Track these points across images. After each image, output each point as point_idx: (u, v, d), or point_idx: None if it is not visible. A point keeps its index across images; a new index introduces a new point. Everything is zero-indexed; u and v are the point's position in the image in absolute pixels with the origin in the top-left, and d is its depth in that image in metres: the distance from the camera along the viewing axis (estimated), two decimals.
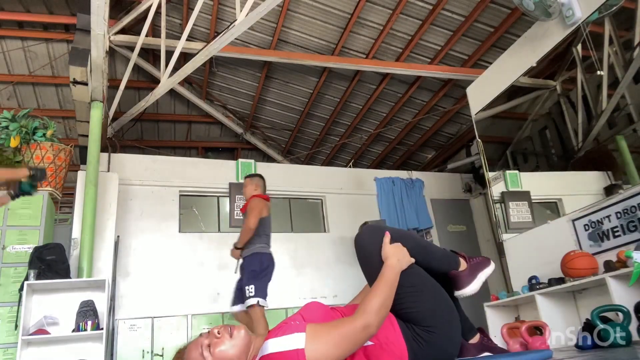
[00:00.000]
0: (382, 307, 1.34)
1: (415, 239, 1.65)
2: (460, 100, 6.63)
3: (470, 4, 5.16)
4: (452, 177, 7.35)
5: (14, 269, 3.98)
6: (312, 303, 1.53)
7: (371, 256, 1.54)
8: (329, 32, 5.86)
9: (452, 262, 1.68)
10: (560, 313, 3.70)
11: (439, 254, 1.69)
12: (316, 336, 1.26)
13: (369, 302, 1.34)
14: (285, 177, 6.34)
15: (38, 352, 3.82)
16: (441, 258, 1.68)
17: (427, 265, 1.59)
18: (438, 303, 1.52)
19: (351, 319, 1.31)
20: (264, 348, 1.29)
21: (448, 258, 1.70)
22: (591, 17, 3.75)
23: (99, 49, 4.39)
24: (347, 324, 1.31)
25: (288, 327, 1.31)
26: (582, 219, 3.71)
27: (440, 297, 1.54)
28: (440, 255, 1.69)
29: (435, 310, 1.49)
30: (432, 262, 1.62)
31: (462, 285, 1.64)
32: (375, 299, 1.35)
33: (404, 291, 1.46)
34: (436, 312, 1.49)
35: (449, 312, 1.53)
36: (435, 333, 1.44)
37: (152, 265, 5.18)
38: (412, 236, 1.66)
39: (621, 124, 4.11)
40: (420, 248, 1.61)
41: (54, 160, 4.40)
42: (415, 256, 1.54)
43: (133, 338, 4.62)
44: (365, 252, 1.58)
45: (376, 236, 1.56)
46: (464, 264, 1.69)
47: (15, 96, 6.74)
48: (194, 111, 7.74)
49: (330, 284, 5.84)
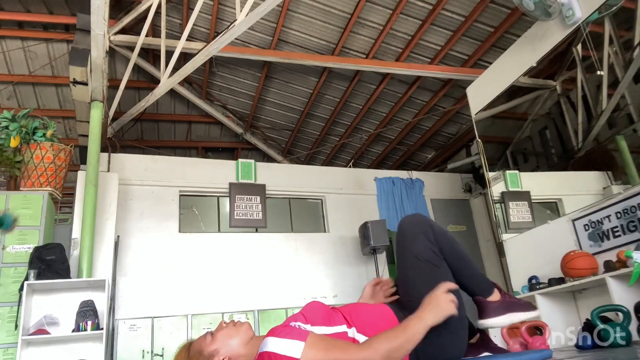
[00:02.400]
0: (391, 353, 1.25)
1: (453, 243, 1.57)
2: (460, 100, 6.63)
3: (470, 4, 5.16)
4: (452, 177, 7.35)
5: (14, 269, 3.98)
6: (313, 302, 1.52)
7: (404, 250, 1.53)
8: (329, 32, 5.86)
9: (483, 286, 1.59)
10: (560, 313, 3.71)
11: (472, 270, 1.59)
12: (315, 350, 1.25)
13: (381, 342, 1.27)
14: (285, 177, 6.34)
15: (38, 352, 3.82)
16: (473, 275, 1.59)
17: (456, 276, 1.53)
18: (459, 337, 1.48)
19: (356, 349, 1.28)
20: (264, 343, 1.31)
21: (481, 279, 1.61)
22: (591, 17, 3.75)
23: (99, 49, 4.39)
24: (350, 351, 1.27)
25: (291, 330, 1.32)
26: (582, 219, 3.71)
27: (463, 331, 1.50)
28: (474, 272, 1.60)
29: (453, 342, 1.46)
30: (462, 275, 1.55)
31: (488, 315, 1.54)
32: (388, 342, 1.26)
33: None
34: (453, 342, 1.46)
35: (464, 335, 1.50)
36: (442, 336, 1.42)
37: (152, 265, 5.18)
38: (451, 239, 1.57)
39: (621, 124, 4.10)
40: (455, 254, 1.54)
41: (54, 160, 4.40)
42: (447, 259, 1.50)
43: (133, 338, 4.62)
44: (400, 243, 1.56)
45: (416, 229, 1.53)
46: (497, 295, 1.59)
47: (15, 96, 6.74)
48: (194, 111, 7.74)
49: (330, 284, 5.84)
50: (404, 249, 1.55)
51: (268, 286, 5.53)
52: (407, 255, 1.53)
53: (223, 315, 4.97)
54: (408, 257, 1.53)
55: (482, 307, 1.57)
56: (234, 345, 1.41)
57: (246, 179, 6.02)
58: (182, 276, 5.24)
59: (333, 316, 1.47)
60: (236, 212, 5.77)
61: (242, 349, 1.41)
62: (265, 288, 5.50)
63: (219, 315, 4.97)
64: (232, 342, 1.41)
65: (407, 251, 1.54)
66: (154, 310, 4.88)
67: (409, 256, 1.53)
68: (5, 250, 4.01)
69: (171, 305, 5.02)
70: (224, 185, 5.92)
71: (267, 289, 5.51)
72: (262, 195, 5.99)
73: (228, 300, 5.28)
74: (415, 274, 1.50)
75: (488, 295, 1.57)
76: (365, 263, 6.06)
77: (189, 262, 5.35)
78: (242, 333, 1.44)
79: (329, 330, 1.42)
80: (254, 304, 5.27)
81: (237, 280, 5.44)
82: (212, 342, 1.42)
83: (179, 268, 5.27)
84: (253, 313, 5.10)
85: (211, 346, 1.41)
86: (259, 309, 5.16)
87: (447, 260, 1.52)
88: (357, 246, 6.02)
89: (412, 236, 1.53)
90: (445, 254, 1.52)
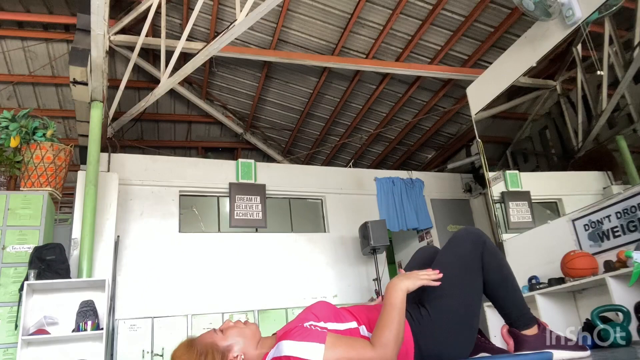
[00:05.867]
0: (397, 335, 1.28)
1: (502, 267, 1.55)
2: (460, 100, 6.63)
3: (470, 4, 5.16)
4: (452, 177, 7.35)
5: (14, 269, 3.98)
6: (321, 302, 1.51)
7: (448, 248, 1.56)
8: (329, 32, 5.86)
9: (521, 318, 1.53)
10: (560, 313, 3.70)
11: (514, 298, 1.56)
12: (335, 351, 1.22)
13: (383, 333, 1.29)
14: (285, 177, 6.34)
15: (38, 352, 3.82)
16: (514, 305, 1.55)
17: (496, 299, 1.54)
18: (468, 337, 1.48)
19: (370, 348, 1.27)
20: (279, 348, 1.26)
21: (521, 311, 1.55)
22: (591, 17, 3.75)
23: (99, 49, 4.39)
24: (367, 348, 1.27)
25: (308, 332, 1.29)
26: (582, 219, 3.71)
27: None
28: (515, 301, 1.55)
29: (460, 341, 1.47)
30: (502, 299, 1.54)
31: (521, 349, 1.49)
32: (388, 329, 1.29)
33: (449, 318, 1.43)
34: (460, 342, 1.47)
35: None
36: (448, 335, 1.43)
37: (152, 265, 5.18)
38: (500, 262, 1.55)
39: (621, 124, 4.10)
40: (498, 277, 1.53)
41: (54, 160, 4.40)
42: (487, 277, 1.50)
43: (133, 338, 4.62)
44: (447, 243, 1.59)
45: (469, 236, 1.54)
46: (535, 328, 1.53)
47: (15, 96, 6.74)
48: (194, 111, 7.74)
49: (331, 284, 5.84)
50: (449, 247, 1.58)
51: (268, 286, 5.53)
52: (449, 253, 1.56)
53: (223, 316, 4.96)
54: (448, 254, 1.56)
55: (517, 340, 1.53)
56: (246, 344, 1.37)
57: (246, 179, 6.02)
58: (182, 276, 5.24)
59: (342, 313, 1.47)
60: (236, 212, 5.77)
61: (253, 349, 1.37)
62: (265, 288, 5.50)
63: (219, 315, 4.97)
64: (244, 340, 1.38)
65: (450, 250, 1.57)
66: (154, 310, 4.88)
67: (449, 254, 1.56)
68: (5, 250, 4.01)
69: (171, 305, 5.02)
70: (224, 185, 5.92)
71: (267, 289, 5.51)
72: (262, 195, 5.99)
73: (228, 300, 5.28)
74: (446, 270, 1.48)
75: (524, 328, 1.52)
76: (365, 263, 6.06)
77: (189, 262, 5.35)
78: (254, 332, 1.41)
79: (342, 326, 1.41)
80: (254, 304, 5.27)
81: (237, 280, 5.44)
82: (225, 338, 1.37)
83: (179, 268, 5.27)
84: (253, 313, 5.10)
85: (225, 341, 1.36)
86: (259, 309, 5.16)
87: (488, 278, 1.51)
88: (357, 246, 6.02)
89: (462, 240, 1.56)
90: (487, 271, 1.51)
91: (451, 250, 1.56)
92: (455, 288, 1.47)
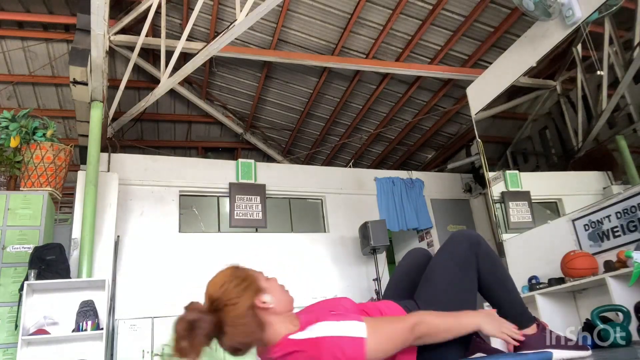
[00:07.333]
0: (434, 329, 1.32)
1: (497, 267, 1.58)
2: (460, 100, 6.63)
3: (470, 4, 5.16)
4: (452, 177, 7.35)
5: (14, 269, 3.98)
6: (346, 298, 1.51)
7: (444, 249, 1.59)
8: (329, 32, 5.86)
9: (521, 319, 1.53)
10: (560, 313, 3.70)
11: (512, 299, 1.58)
12: (377, 328, 1.23)
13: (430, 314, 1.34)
14: (285, 177, 6.34)
15: (38, 352, 3.82)
16: (512, 306, 1.56)
17: (494, 299, 1.56)
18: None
19: (407, 316, 1.33)
20: (313, 329, 1.22)
21: (519, 311, 1.56)
22: (591, 17, 3.74)
23: (99, 49, 4.39)
24: (401, 319, 1.32)
25: (342, 313, 1.30)
26: (582, 219, 3.71)
27: None
28: (513, 302, 1.57)
29: None
30: (500, 299, 1.56)
31: (523, 348, 1.47)
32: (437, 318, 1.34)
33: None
34: None
35: None
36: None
37: (152, 265, 5.18)
38: (495, 263, 1.57)
39: (621, 124, 4.10)
40: (494, 277, 1.55)
41: (54, 160, 4.40)
42: (483, 278, 1.53)
43: (133, 338, 4.62)
44: (444, 244, 1.60)
45: (465, 238, 1.56)
46: (534, 328, 1.53)
47: (15, 96, 6.74)
48: (194, 111, 7.74)
49: (330, 284, 5.84)
50: (445, 248, 1.61)
51: None
52: (445, 252, 1.59)
53: None
54: (444, 254, 1.59)
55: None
56: (280, 304, 1.32)
57: (246, 179, 6.02)
58: (182, 276, 5.23)
59: (361, 307, 1.48)
60: (236, 212, 5.77)
61: (281, 311, 1.31)
62: None
63: None
64: (280, 299, 1.33)
65: (447, 250, 1.59)
66: (154, 310, 4.87)
67: (445, 253, 1.59)
68: (5, 250, 4.01)
69: (171, 305, 5.00)
70: (224, 185, 5.92)
71: None
72: (262, 195, 5.99)
73: None
74: (440, 268, 1.54)
75: (523, 327, 1.51)
76: (365, 263, 6.06)
77: (189, 262, 5.34)
78: (290, 301, 1.38)
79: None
80: None
81: None
82: (268, 283, 1.35)
83: (179, 268, 5.27)
84: None
85: (265, 283, 1.34)
86: None
87: (483, 279, 1.53)
88: (357, 246, 6.02)
89: (458, 241, 1.58)
90: (482, 272, 1.54)
91: (447, 251, 1.59)
92: (451, 286, 1.51)
